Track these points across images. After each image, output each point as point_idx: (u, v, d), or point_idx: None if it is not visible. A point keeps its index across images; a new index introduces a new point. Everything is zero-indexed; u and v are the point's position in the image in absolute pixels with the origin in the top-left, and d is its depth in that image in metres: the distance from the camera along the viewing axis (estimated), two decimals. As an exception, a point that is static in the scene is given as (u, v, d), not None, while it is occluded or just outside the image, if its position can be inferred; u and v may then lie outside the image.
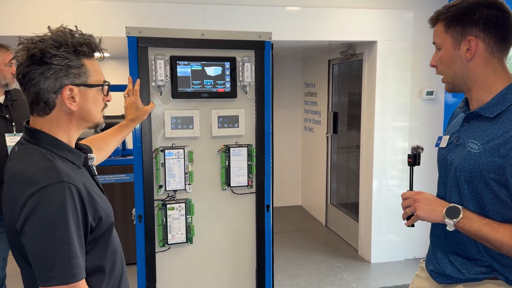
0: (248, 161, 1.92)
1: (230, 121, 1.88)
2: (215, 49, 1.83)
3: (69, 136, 1.14)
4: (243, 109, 1.90)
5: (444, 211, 1.20)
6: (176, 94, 1.79)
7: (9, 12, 2.97)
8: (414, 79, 3.79)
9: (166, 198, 1.85)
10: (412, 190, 1.40)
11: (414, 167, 1.46)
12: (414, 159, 1.44)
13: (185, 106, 1.84)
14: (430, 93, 3.79)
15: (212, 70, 1.82)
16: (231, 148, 1.89)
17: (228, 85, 1.85)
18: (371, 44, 3.74)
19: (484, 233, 1.14)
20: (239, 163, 1.91)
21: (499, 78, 1.21)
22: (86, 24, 3.10)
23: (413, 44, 3.72)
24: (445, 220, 1.19)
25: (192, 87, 1.81)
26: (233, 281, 1.98)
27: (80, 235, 1.02)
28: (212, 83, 1.83)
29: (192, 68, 1.80)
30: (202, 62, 1.81)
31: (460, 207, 1.19)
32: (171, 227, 1.84)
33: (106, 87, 1.17)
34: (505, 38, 1.19)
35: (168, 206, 1.83)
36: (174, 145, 1.83)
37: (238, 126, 1.90)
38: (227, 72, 1.84)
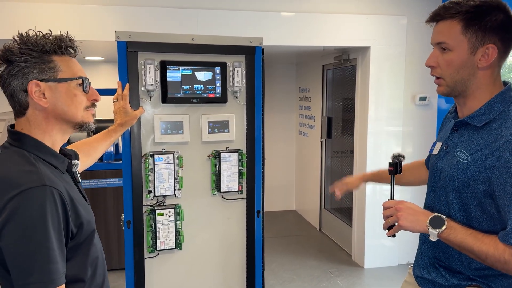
0: (238, 166, 1.91)
1: (220, 126, 1.88)
2: (206, 54, 1.83)
3: (51, 138, 1.11)
4: (234, 114, 1.89)
5: (427, 221, 1.16)
6: (166, 99, 1.79)
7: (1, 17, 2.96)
8: (407, 84, 3.80)
9: (155, 204, 1.83)
10: (393, 199, 1.35)
11: (395, 176, 1.42)
12: (395, 167, 1.39)
13: (175, 111, 1.83)
14: (423, 98, 3.80)
15: (202, 75, 1.82)
16: (221, 153, 1.88)
17: (218, 90, 1.85)
18: (365, 50, 3.75)
19: (468, 244, 1.11)
20: (230, 168, 1.90)
21: (494, 88, 1.17)
22: (79, 28, 3.11)
23: (406, 50, 3.74)
24: (429, 230, 1.15)
25: (182, 92, 1.80)
26: (223, 287, 1.97)
27: (60, 240, 1.00)
28: (203, 88, 1.82)
29: (182, 73, 1.79)
30: (192, 67, 1.80)
31: (444, 217, 1.15)
32: (160, 233, 1.83)
33: (84, 83, 1.13)
34: (510, 45, 1.16)
35: (157, 211, 1.82)
36: (163, 150, 1.82)
37: (228, 131, 1.89)
38: (218, 77, 1.84)
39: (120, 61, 1.73)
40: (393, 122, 3.83)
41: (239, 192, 1.93)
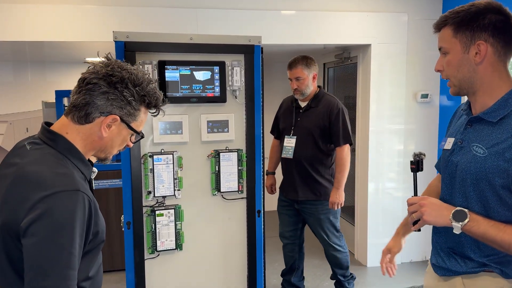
0: (238, 166, 1.90)
1: (219, 126, 1.87)
2: (204, 53, 1.82)
3: (85, 154, 1.14)
4: (233, 113, 1.88)
5: (451, 215, 1.22)
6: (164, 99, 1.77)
7: (2, 19, 2.96)
8: (408, 82, 3.78)
9: (155, 204, 1.83)
10: (416, 195, 1.42)
11: (417, 173, 1.48)
12: (417, 165, 1.46)
13: (174, 111, 1.82)
14: (425, 96, 3.78)
15: (201, 75, 1.81)
16: (221, 153, 1.87)
17: (217, 89, 1.83)
18: (365, 47, 3.73)
19: (491, 235, 1.17)
20: (229, 168, 1.89)
21: (502, 83, 1.24)
22: (78, 29, 3.11)
23: (407, 47, 3.71)
24: (452, 223, 1.21)
25: (181, 92, 1.79)
26: (224, 287, 1.96)
27: (81, 246, 1.01)
28: (201, 88, 1.81)
29: (181, 73, 1.78)
30: (191, 67, 1.79)
31: (466, 210, 1.21)
32: (160, 233, 1.82)
33: (138, 137, 1.21)
34: (510, 42, 1.23)
35: (157, 212, 1.81)
36: (163, 151, 1.82)
37: (228, 131, 1.88)
38: (216, 77, 1.83)
39: (118, 61, 1.72)
40: (395, 120, 3.81)
41: (239, 192, 1.92)
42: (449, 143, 1.37)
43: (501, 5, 1.23)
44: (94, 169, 1.22)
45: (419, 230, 1.36)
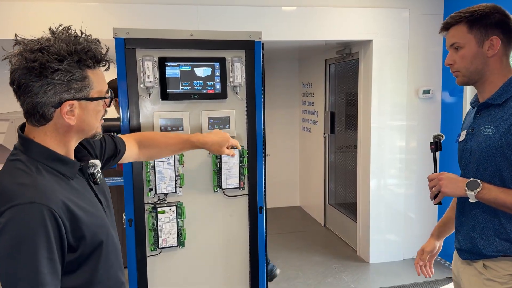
0: (240, 162, 1.89)
1: (220, 122, 1.86)
2: (205, 49, 1.81)
3: (66, 147, 1.07)
4: (234, 110, 1.88)
5: (465, 185, 1.36)
6: (165, 95, 1.77)
7: (2, 17, 2.96)
8: (410, 77, 3.76)
9: (156, 201, 1.82)
10: (436, 172, 1.55)
11: (436, 154, 1.62)
12: (436, 145, 1.59)
13: (174, 107, 1.81)
14: (426, 91, 3.76)
15: (201, 71, 1.80)
16: (222, 150, 1.86)
17: (218, 86, 1.83)
18: (367, 43, 3.71)
19: (502, 199, 1.31)
20: (231, 164, 1.89)
21: (506, 72, 1.42)
22: (77, 26, 3.09)
23: (409, 43, 3.70)
24: (467, 192, 1.35)
25: (182, 89, 1.79)
26: (226, 285, 1.96)
27: (52, 259, 0.94)
28: (202, 84, 1.81)
29: (181, 69, 1.78)
30: (191, 63, 1.78)
31: (479, 180, 1.35)
32: (162, 230, 1.82)
33: (108, 99, 1.10)
34: (511, 38, 1.42)
35: (158, 209, 1.81)
36: (164, 148, 1.81)
37: (229, 127, 1.87)
38: (217, 73, 1.82)
39: (118, 58, 1.71)
40: (397, 116, 3.80)
41: (241, 189, 1.92)
42: (462, 135, 1.51)
43: (500, 7, 1.42)
44: (94, 161, 1.15)
45: (440, 203, 1.49)
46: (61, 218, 0.96)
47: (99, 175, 1.16)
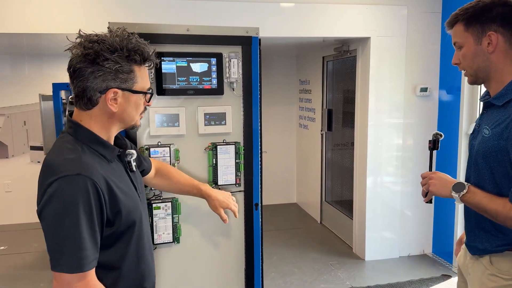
0: (236, 159, 1.89)
1: (217, 119, 1.85)
2: (201, 45, 1.80)
3: (107, 134, 1.19)
4: (230, 106, 1.87)
5: (451, 187, 1.36)
6: (161, 91, 1.76)
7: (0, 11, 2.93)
8: (408, 75, 3.76)
9: (151, 197, 1.81)
10: (431, 170, 1.56)
11: (434, 152, 1.62)
12: (433, 144, 1.60)
13: (170, 103, 1.80)
14: (424, 89, 3.76)
15: (198, 67, 1.79)
16: (218, 146, 1.86)
17: (214, 81, 1.81)
18: (365, 40, 3.70)
19: (483, 204, 1.30)
20: (227, 161, 1.88)
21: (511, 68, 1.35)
22: (76, 20, 3.07)
23: (406, 40, 3.69)
24: (452, 194, 1.35)
25: (178, 84, 1.77)
26: (221, 281, 1.95)
27: (92, 227, 1.06)
28: (198, 80, 1.79)
29: (177, 65, 1.76)
30: (187, 58, 1.77)
31: (465, 183, 1.35)
32: (157, 226, 1.81)
33: (148, 95, 1.23)
34: None
35: (154, 205, 1.80)
36: (159, 143, 1.80)
37: (225, 124, 1.86)
38: (214, 69, 1.80)
39: (114, 52, 1.70)
40: (394, 114, 3.80)
41: (237, 185, 1.91)
42: (471, 128, 1.52)
43: None
44: (132, 151, 1.27)
45: (431, 202, 1.51)
46: (102, 191, 1.08)
47: (134, 163, 1.29)
